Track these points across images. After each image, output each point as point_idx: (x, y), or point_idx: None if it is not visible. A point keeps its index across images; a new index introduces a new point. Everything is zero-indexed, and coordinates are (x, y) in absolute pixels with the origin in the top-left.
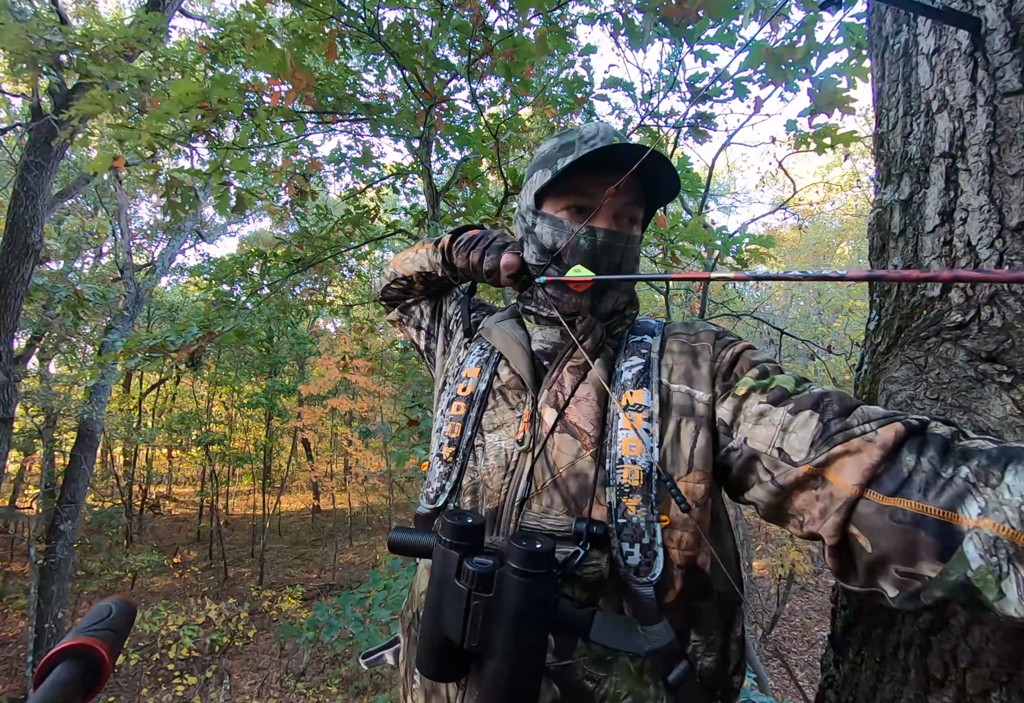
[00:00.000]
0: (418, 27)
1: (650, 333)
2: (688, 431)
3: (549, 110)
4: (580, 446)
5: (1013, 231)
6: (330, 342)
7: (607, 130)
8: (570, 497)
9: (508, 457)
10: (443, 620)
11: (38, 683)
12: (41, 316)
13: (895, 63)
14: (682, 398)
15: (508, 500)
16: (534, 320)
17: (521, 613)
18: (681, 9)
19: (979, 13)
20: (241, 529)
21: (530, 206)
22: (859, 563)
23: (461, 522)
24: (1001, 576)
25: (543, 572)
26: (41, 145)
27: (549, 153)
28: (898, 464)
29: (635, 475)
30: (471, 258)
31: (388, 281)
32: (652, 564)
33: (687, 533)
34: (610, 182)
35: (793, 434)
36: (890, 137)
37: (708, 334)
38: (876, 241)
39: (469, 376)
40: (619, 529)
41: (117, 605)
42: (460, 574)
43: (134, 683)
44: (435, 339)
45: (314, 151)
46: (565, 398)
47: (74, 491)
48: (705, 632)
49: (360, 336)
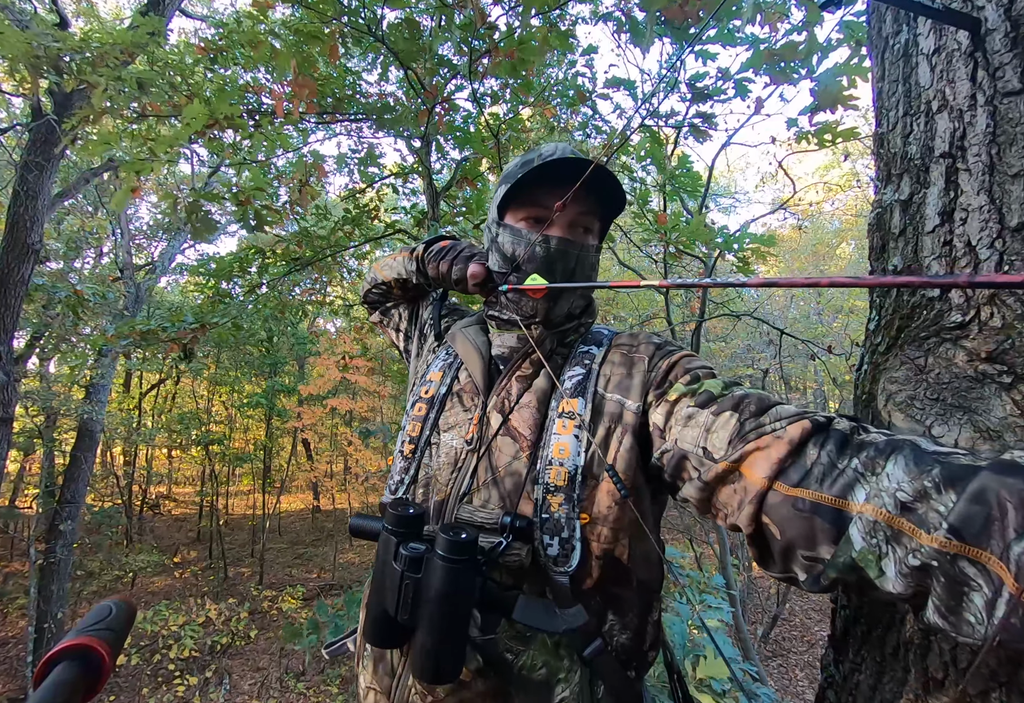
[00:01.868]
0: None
1: (598, 344)
2: (615, 436)
3: (549, 110)
4: (518, 448)
5: (1013, 231)
6: (330, 342)
7: (565, 149)
8: (506, 493)
9: (457, 455)
10: (383, 596)
11: (38, 683)
12: (41, 316)
13: (895, 63)
14: (613, 406)
15: (453, 493)
16: (496, 325)
17: (444, 593)
18: (683, 12)
19: (979, 13)
20: (241, 529)
21: (494, 218)
22: (773, 550)
23: (403, 512)
24: (881, 556)
25: (465, 559)
26: (41, 145)
27: (511, 170)
28: (803, 458)
29: (561, 476)
30: (441, 268)
31: (369, 285)
32: (569, 556)
33: (606, 528)
34: (564, 194)
35: (715, 433)
36: (890, 137)
37: (648, 346)
38: (876, 241)
39: (433, 380)
40: (542, 523)
41: (117, 605)
42: (396, 557)
43: (134, 683)
44: (412, 341)
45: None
46: (511, 404)
47: (74, 491)
48: (622, 614)
49: (360, 336)
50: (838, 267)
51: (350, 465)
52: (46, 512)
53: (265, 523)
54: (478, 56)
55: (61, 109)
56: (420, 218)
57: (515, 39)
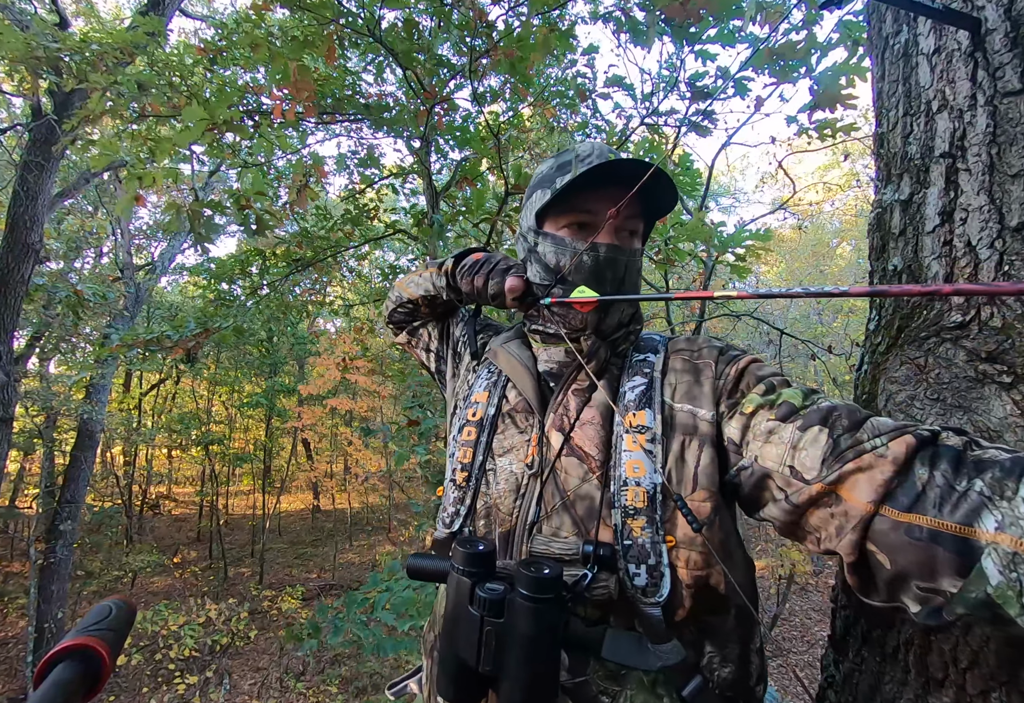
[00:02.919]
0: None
1: (653, 351)
2: (692, 450)
3: (549, 110)
4: (587, 469)
5: (1013, 231)
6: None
7: (602, 148)
8: (578, 519)
9: (518, 481)
10: (459, 645)
11: (38, 683)
12: (41, 316)
13: (895, 63)
14: (685, 417)
15: (519, 523)
16: (540, 339)
17: (532, 637)
18: (684, 10)
19: (979, 13)
20: (241, 529)
21: (531, 226)
22: (879, 579)
23: (472, 549)
24: (1022, 592)
25: (551, 597)
26: (41, 145)
27: (547, 173)
28: (911, 478)
29: (639, 496)
30: (476, 282)
31: (394, 304)
32: (659, 585)
33: (695, 552)
34: (608, 197)
35: (803, 451)
36: (890, 137)
37: (711, 350)
38: (876, 241)
39: (478, 400)
40: (625, 550)
41: (117, 605)
42: (473, 600)
43: (134, 683)
44: (444, 361)
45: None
46: (571, 421)
47: (74, 491)
48: (720, 644)
49: (360, 336)
50: (838, 267)
51: (350, 465)
52: (46, 512)
53: (265, 523)
54: (478, 55)
55: (61, 109)
56: (420, 218)
57: (514, 37)
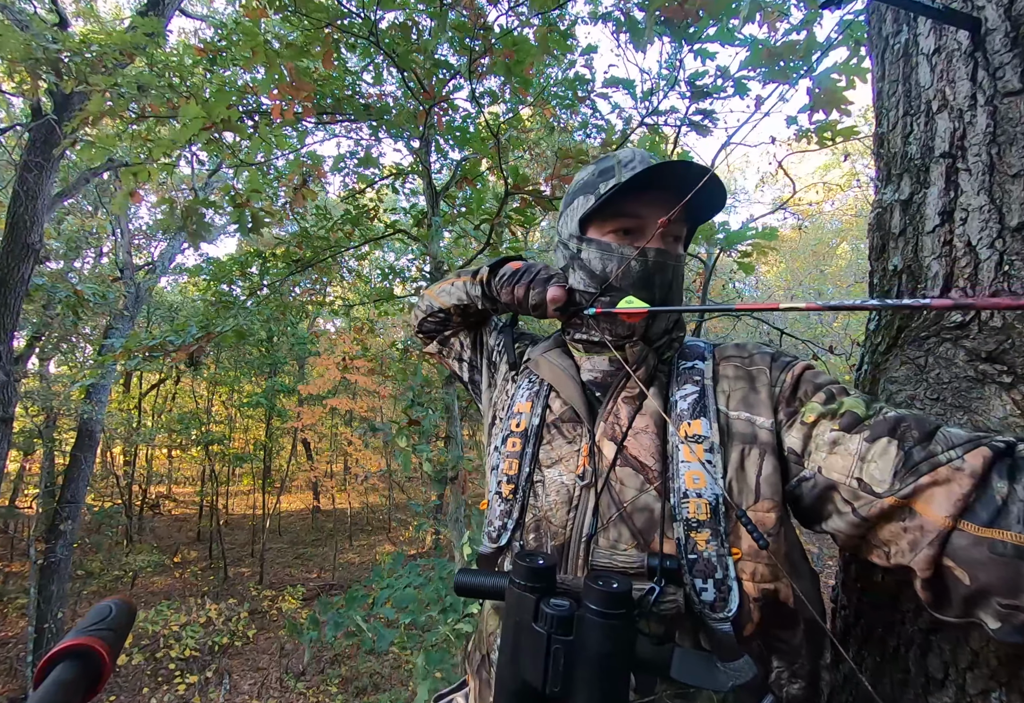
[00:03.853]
0: (418, 27)
1: (700, 358)
2: (752, 459)
3: (549, 110)
4: (643, 480)
5: (1013, 231)
6: (330, 342)
7: (643, 154)
8: (637, 531)
9: (570, 492)
10: (522, 665)
11: (38, 683)
12: (41, 316)
13: (895, 63)
14: (743, 425)
15: (574, 536)
16: (582, 348)
17: (603, 655)
18: (682, 10)
19: (979, 13)
20: (241, 529)
21: (573, 233)
22: (955, 595)
23: (533, 563)
24: None
25: (623, 612)
26: (41, 145)
27: (589, 179)
28: (990, 492)
29: (702, 509)
30: (516, 293)
31: (424, 314)
32: (727, 599)
33: (761, 564)
34: (654, 201)
35: (872, 463)
36: (890, 137)
37: (763, 357)
38: (876, 241)
39: (521, 411)
40: (690, 565)
41: (117, 605)
42: (538, 617)
43: (135, 683)
44: (478, 370)
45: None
46: (623, 430)
47: (74, 491)
48: (789, 660)
49: (360, 336)
50: (838, 267)
51: (350, 465)
52: (46, 512)
53: (265, 523)
54: (477, 56)
55: (61, 109)
56: (420, 218)
57: (510, 39)
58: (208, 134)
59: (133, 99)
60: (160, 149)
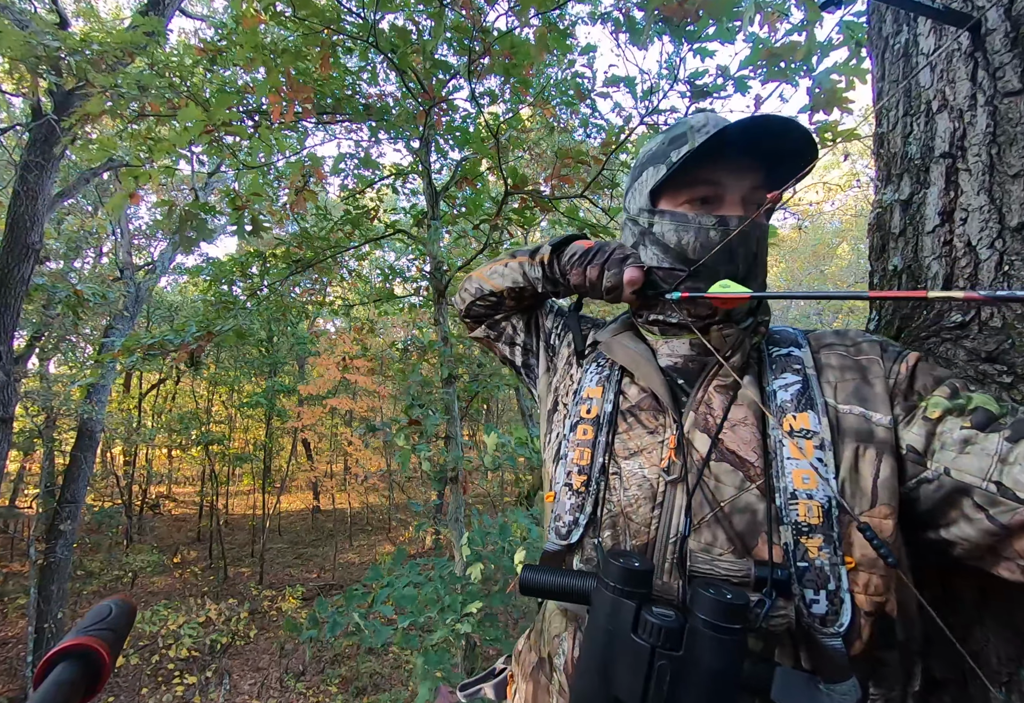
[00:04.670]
0: (418, 27)
1: (794, 344)
2: (868, 459)
3: (549, 110)
4: (743, 477)
5: (1013, 231)
6: (330, 342)
7: (715, 118)
8: (734, 535)
9: (653, 487)
10: (614, 679)
11: (38, 683)
12: (41, 316)
13: (895, 63)
14: (856, 421)
15: (660, 536)
16: (658, 331)
17: (716, 674)
18: (681, 9)
19: (979, 13)
20: (241, 529)
21: (644, 206)
22: None
23: (629, 564)
24: None
25: (738, 627)
26: (41, 145)
27: (658, 149)
28: None
29: (813, 512)
30: (589, 274)
31: (473, 297)
32: (839, 612)
33: (876, 575)
34: (732, 167)
35: (1016, 466)
36: (890, 137)
37: (871, 345)
38: (876, 241)
39: (591, 396)
40: (800, 574)
41: (117, 605)
42: (639, 627)
43: (134, 683)
44: (534, 354)
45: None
46: (717, 421)
47: (74, 491)
48: (887, 685)
49: (360, 336)
50: (838, 267)
51: (350, 465)
52: (46, 512)
53: (265, 523)
54: (476, 57)
55: (61, 109)
56: (420, 218)
57: (509, 40)
58: (209, 137)
59: (133, 99)
60: (161, 151)
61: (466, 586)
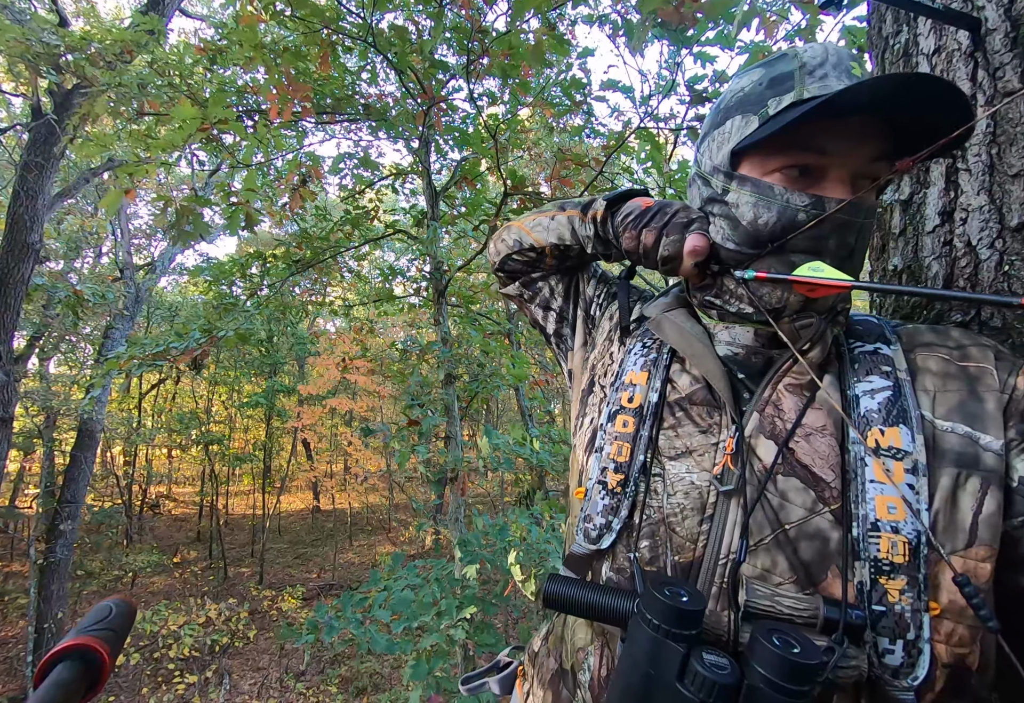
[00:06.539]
0: (418, 27)
1: (882, 340)
2: (969, 489)
3: (548, 111)
4: (815, 498)
5: (1013, 231)
6: (330, 342)
7: (839, 53)
8: (799, 564)
9: (703, 496)
10: None
11: (38, 683)
12: (41, 316)
13: (895, 63)
14: (959, 442)
15: (708, 555)
16: (716, 315)
17: None
18: (679, 14)
19: (979, 13)
20: (241, 529)
21: (720, 166)
22: None
23: (677, 601)
24: None
25: (807, 689)
26: (41, 145)
27: (752, 90)
28: None
29: (899, 548)
30: (644, 239)
31: (510, 250)
32: (916, 665)
33: (962, 625)
34: (848, 131)
35: None
36: None
37: (982, 350)
38: (876, 241)
39: (635, 382)
40: (875, 619)
41: (117, 605)
42: (686, 676)
43: (134, 683)
44: (569, 324)
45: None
46: (787, 427)
47: (74, 491)
48: None
49: (360, 336)
50: None
51: (350, 465)
52: (46, 512)
53: (265, 523)
54: (475, 57)
55: (61, 109)
56: (419, 218)
57: (506, 40)
58: (205, 134)
59: (133, 97)
60: (157, 149)
61: (464, 589)
